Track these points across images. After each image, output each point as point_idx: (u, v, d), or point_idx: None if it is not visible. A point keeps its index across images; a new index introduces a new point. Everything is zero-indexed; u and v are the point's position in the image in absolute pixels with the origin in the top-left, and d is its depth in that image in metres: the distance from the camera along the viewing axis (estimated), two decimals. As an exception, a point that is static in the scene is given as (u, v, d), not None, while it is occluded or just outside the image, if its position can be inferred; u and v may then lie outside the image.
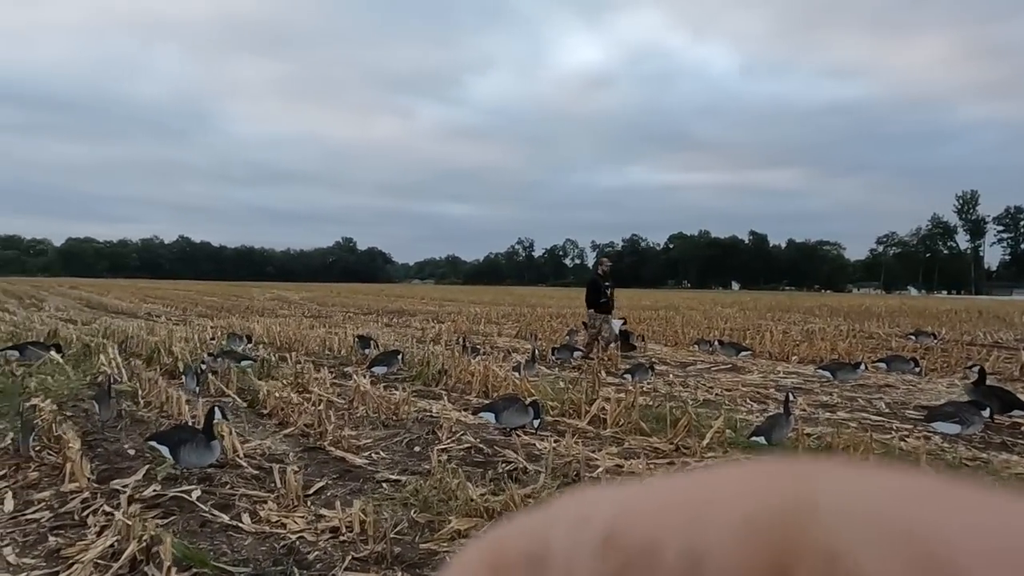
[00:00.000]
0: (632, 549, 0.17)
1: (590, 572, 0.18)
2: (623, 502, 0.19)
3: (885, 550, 0.15)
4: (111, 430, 5.61)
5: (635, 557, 0.17)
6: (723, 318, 23.48)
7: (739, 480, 0.18)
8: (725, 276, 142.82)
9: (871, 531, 0.15)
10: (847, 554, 0.15)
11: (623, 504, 0.19)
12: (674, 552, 0.17)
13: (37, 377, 8.07)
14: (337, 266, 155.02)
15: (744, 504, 0.17)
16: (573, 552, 0.18)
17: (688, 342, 14.09)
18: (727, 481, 0.18)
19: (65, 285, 52.84)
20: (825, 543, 0.15)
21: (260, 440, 5.40)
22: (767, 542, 0.16)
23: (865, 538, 0.15)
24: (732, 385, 8.99)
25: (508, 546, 0.19)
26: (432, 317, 22.49)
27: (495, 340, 14.46)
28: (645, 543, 0.17)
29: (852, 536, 0.15)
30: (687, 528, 0.17)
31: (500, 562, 0.19)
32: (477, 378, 7.98)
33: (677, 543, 0.17)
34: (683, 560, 0.17)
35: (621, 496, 0.19)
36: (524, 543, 0.19)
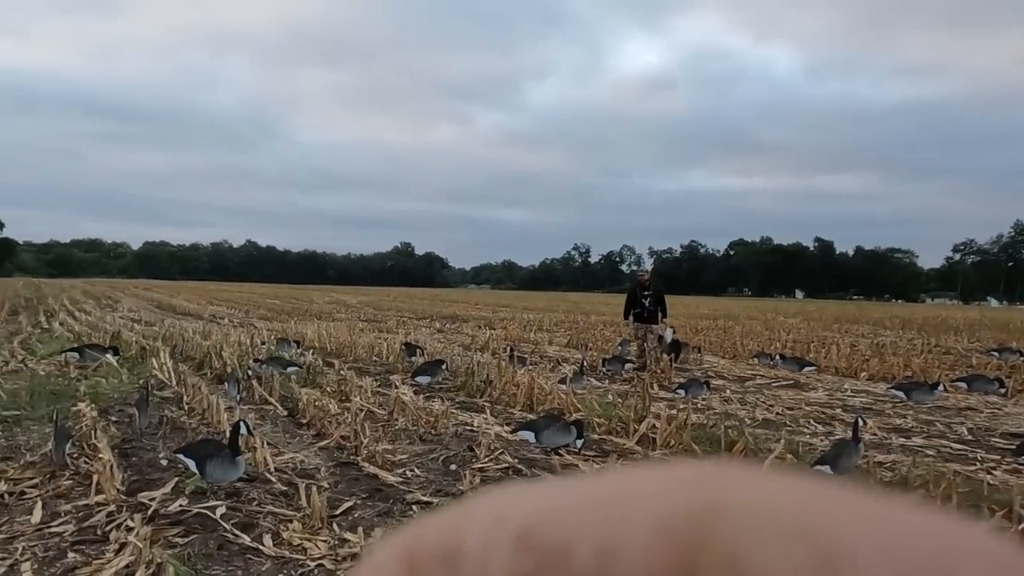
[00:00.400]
0: (546, 548, 0.17)
1: (504, 570, 0.18)
2: (540, 501, 0.19)
3: (784, 550, 0.16)
4: (150, 437, 5.60)
5: (548, 556, 0.17)
6: (785, 329, 22.48)
7: (653, 482, 0.18)
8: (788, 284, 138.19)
9: (773, 532, 0.16)
10: (749, 554, 0.16)
11: (539, 503, 0.19)
12: (586, 551, 0.17)
13: (93, 379, 8.25)
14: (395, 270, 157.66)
15: (656, 505, 0.17)
16: (488, 550, 0.18)
17: (747, 355, 13.44)
18: (642, 482, 0.18)
19: (140, 287, 55.34)
20: (730, 544, 0.16)
21: (293, 453, 5.27)
22: (676, 543, 0.16)
23: (767, 539, 0.16)
24: (794, 403, 8.43)
25: (423, 543, 0.19)
26: (484, 323, 22.35)
27: (545, 349, 14.16)
28: (559, 542, 0.17)
29: (755, 537, 0.16)
30: (600, 528, 0.17)
31: (414, 559, 0.19)
32: (522, 391, 7.70)
33: (590, 542, 0.17)
34: (595, 559, 0.17)
35: (538, 495, 0.19)
36: (439, 540, 0.19)
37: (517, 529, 0.18)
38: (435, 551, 0.19)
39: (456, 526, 0.19)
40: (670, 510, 0.17)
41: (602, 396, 8.65)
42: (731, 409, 8.02)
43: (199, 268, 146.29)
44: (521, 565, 0.18)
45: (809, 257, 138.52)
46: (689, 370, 11.42)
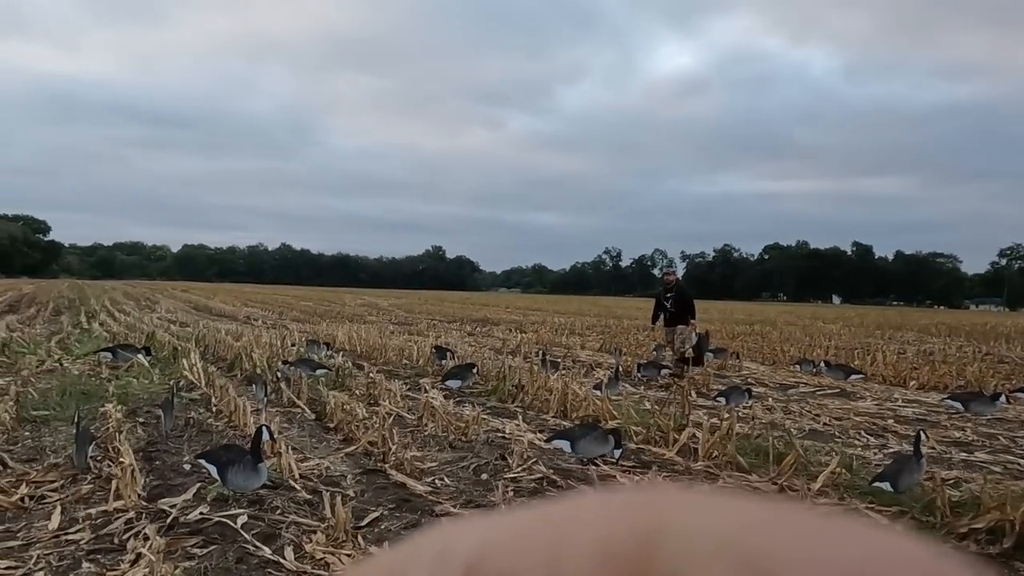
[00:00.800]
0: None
1: None
2: (484, 534, 0.19)
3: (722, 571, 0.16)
4: (176, 440, 5.49)
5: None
6: (826, 335, 21.78)
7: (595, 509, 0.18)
8: (825, 289, 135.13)
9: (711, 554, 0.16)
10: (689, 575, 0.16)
11: (484, 536, 0.19)
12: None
13: (124, 379, 8.23)
14: (426, 273, 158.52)
15: (601, 534, 0.17)
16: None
17: (788, 361, 12.96)
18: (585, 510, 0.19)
19: (178, 288, 56.42)
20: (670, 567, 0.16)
21: (320, 459, 5.10)
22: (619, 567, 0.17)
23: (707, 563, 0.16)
24: (842, 413, 8.01)
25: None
26: (515, 327, 22.11)
27: (577, 353, 13.86)
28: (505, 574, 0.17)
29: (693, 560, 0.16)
30: (545, 559, 0.17)
31: None
32: (555, 396, 7.44)
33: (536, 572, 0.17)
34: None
35: (482, 528, 0.19)
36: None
37: (463, 564, 0.18)
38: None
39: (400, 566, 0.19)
40: (612, 535, 0.17)
41: (638, 403, 8.34)
42: (776, 419, 7.64)
43: (235, 270, 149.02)
44: None
45: (847, 262, 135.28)
46: (727, 377, 11.02)
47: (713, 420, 6.86)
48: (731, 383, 10.41)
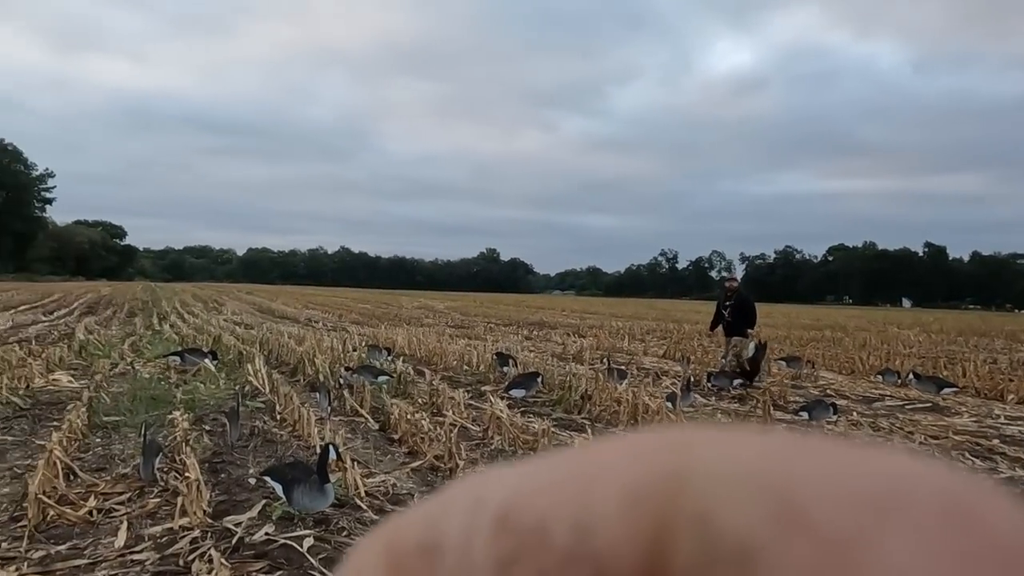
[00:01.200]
0: (524, 529, 0.18)
1: (485, 555, 0.18)
2: (515, 482, 0.19)
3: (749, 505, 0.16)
4: (241, 450, 5.40)
5: (527, 536, 0.18)
6: (904, 342, 20.60)
7: (621, 452, 0.18)
8: (894, 292, 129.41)
9: (737, 489, 0.16)
10: (716, 512, 0.16)
11: (515, 484, 0.19)
12: (563, 528, 0.17)
13: (191, 384, 8.30)
14: (481, 276, 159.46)
15: (625, 475, 0.17)
16: (467, 536, 0.18)
17: (868, 371, 12.18)
18: (611, 454, 0.19)
19: (243, 291, 58.21)
20: (697, 506, 0.17)
21: (386, 474, 4.91)
22: (648, 510, 0.17)
23: (731, 496, 0.16)
24: (938, 431, 7.37)
25: (403, 535, 0.20)
26: (573, 331, 21.75)
27: (641, 360, 13.42)
28: (536, 522, 0.18)
29: (720, 496, 0.16)
30: (575, 503, 0.17)
31: (396, 552, 0.19)
32: (624, 408, 7.08)
33: (566, 519, 0.17)
34: (572, 535, 0.17)
35: (513, 476, 0.19)
36: (419, 531, 0.19)
37: (494, 513, 0.18)
38: (416, 544, 0.19)
39: (434, 516, 0.19)
40: (638, 478, 0.17)
41: (711, 416, 7.91)
42: (861, 435, 7.09)
43: (297, 273, 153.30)
44: (501, 549, 0.18)
45: (918, 263, 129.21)
46: (804, 388, 10.41)
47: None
48: (809, 395, 9.82)
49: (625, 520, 0.17)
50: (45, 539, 3.60)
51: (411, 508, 0.20)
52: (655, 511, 0.17)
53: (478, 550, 0.18)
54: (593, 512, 0.17)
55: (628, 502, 0.17)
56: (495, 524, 0.18)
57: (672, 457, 0.18)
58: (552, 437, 6.19)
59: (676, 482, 0.17)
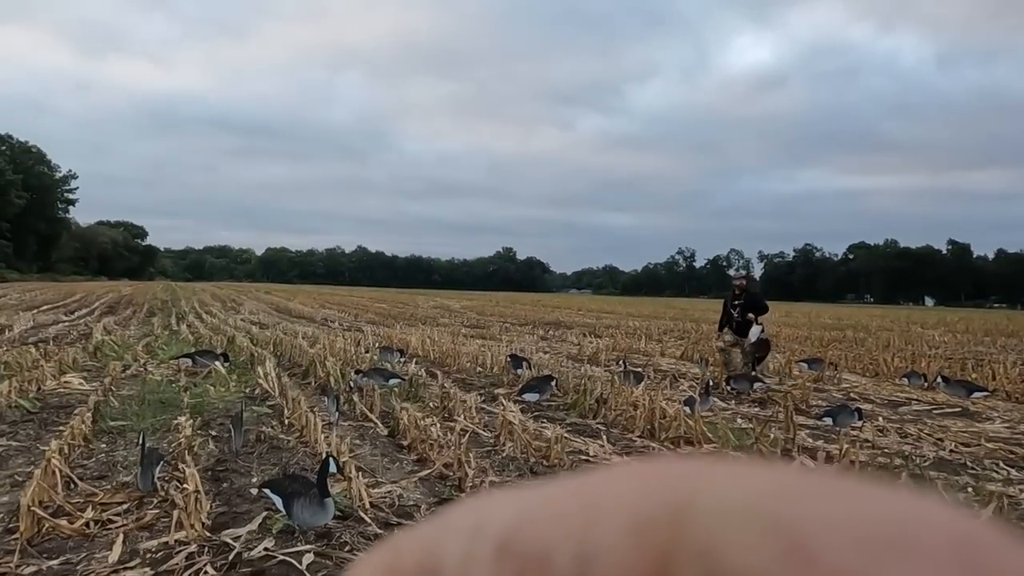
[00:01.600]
0: (526, 556, 0.18)
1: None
2: (516, 509, 0.19)
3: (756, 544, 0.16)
4: (246, 457, 5.27)
5: (528, 564, 0.17)
6: (929, 342, 20.10)
7: (626, 482, 0.18)
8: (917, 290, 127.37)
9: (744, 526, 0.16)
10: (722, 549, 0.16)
11: (517, 511, 0.19)
12: (565, 557, 0.17)
13: (201, 387, 8.22)
14: (497, 275, 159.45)
15: (630, 506, 0.17)
16: (467, 562, 0.18)
17: (893, 373, 11.82)
18: (616, 484, 0.18)
19: (261, 290, 58.58)
20: (702, 541, 0.16)
21: (393, 483, 4.75)
22: (651, 543, 0.17)
23: (738, 533, 0.16)
24: (969, 438, 7.07)
25: (402, 558, 0.19)
26: (589, 331, 21.50)
27: (658, 362, 13.16)
28: (538, 550, 0.17)
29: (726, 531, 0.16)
30: (577, 533, 0.17)
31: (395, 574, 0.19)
32: (641, 413, 6.86)
33: (568, 548, 0.17)
34: (573, 565, 0.17)
35: (515, 503, 0.19)
36: (418, 554, 0.19)
37: (495, 539, 0.18)
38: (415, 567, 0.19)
39: (435, 540, 0.19)
40: (643, 510, 0.17)
41: (731, 421, 7.67)
42: (894, 444, 6.81)
43: (315, 272, 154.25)
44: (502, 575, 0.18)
45: (941, 261, 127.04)
46: (827, 391, 10.11)
47: (827, 446, 6.15)
48: (832, 398, 9.53)
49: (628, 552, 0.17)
50: (37, 553, 3.48)
51: (410, 530, 0.20)
52: (659, 544, 0.16)
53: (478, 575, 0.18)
54: (595, 542, 0.17)
55: (631, 533, 0.17)
56: (496, 551, 0.18)
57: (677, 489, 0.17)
58: (565, 444, 6.01)
59: (681, 515, 0.17)
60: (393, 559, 0.19)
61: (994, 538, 0.16)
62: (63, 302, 29.73)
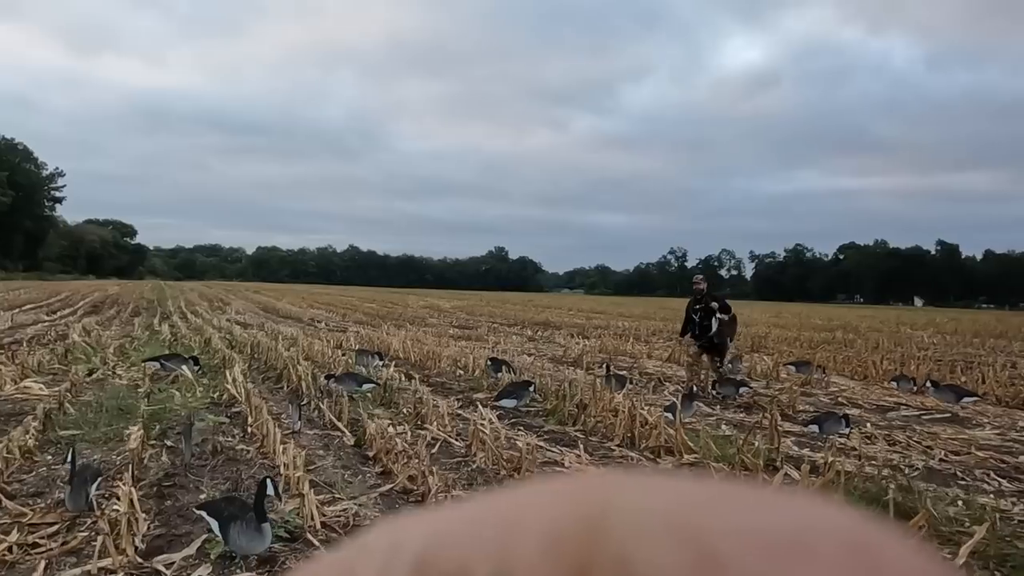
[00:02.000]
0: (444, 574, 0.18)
1: None
2: (434, 527, 0.19)
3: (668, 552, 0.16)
4: (199, 470, 4.97)
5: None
6: (918, 344, 19.96)
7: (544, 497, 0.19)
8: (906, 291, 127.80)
9: (656, 532, 0.17)
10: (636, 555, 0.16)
11: (434, 529, 0.19)
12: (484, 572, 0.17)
13: (167, 392, 7.90)
14: (490, 274, 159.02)
15: (548, 520, 0.18)
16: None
17: (882, 376, 11.62)
18: (533, 499, 0.19)
19: (251, 289, 58.01)
20: (617, 551, 0.17)
21: (352, 499, 4.47)
22: (568, 555, 0.17)
23: (651, 539, 0.17)
24: (959, 446, 6.85)
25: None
26: (578, 331, 21.26)
27: (644, 364, 12.92)
28: (456, 568, 0.18)
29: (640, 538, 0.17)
30: (496, 548, 0.17)
31: None
32: (621, 420, 6.60)
33: (486, 564, 0.17)
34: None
35: (432, 521, 0.19)
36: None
37: (412, 560, 0.18)
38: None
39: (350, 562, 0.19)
40: (559, 520, 0.17)
41: (715, 428, 7.42)
42: (876, 450, 6.59)
43: (306, 272, 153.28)
44: None
45: (930, 262, 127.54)
46: (814, 395, 9.90)
47: (811, 455, 5.91)
48: (819, 403, 9.31)
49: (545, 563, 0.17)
50: (-51, 582, 3.19)
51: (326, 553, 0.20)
52: (575, 554, 0.17)
53: None
54: (513, 556, 0.17)
55: (548, 545, 0.17)
56: (413, 569, 0.18)
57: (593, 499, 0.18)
58: (540, 454, 5.74)
59: (596, 527, 0.17)
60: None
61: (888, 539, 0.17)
62: (46, 301, 29.20)
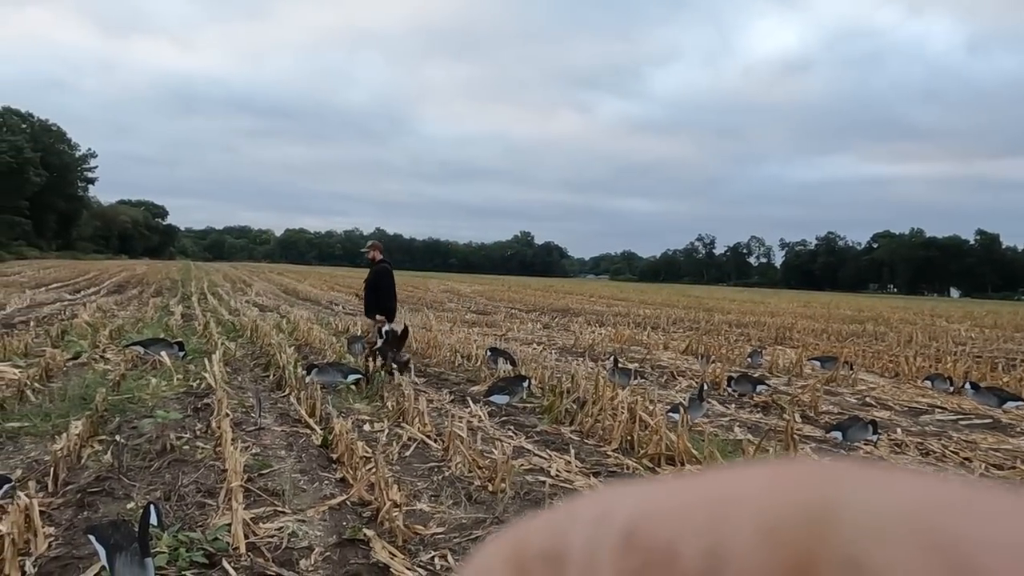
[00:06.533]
0: (652, 548, 0.17)
1: (609, 570, 0.18)
2: (644, 501, 0.19)
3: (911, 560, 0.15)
4: (141, 472, 4.49)
5: (655, 556, 0.17)
6: (955, 338, 18.89)
7: (762, 481, 0.18)
8: (942, 282, 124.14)
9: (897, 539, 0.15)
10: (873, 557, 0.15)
11: (644, 503, 0.19)
12: (694, 553, 0.17)
13: (144, 380, 7.48)
14: (515, 259, 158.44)
15: (766, 506, 0.16)
16: (593, 550, 0.18)
17: (915, 374, 10.78)
18: (750, 482, 0.18)
19: (276, 271, 58.24)
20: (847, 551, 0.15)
21: (296, 513, 3.94)
22: (788, 547, 0.16)
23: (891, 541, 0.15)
24: (1003, 458, 6.11)
25: (528, 543, 0.20)
26: (596, 319, 20.60)
27: (658, 356, 12.23)
28: (665, 543, 0.17)
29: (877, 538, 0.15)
30: (708, 529, 0.17)
31: (520, 558, 0.19)
32: (620, 423, 5.97)
33: (697, 544, 0.17)
34: (703, 561, 0.16)
35: (642, 495, 0.19)
36: (544, 540, 0.19)
37: (621, 529, 0.18)
38: (540, 552, 0.19)
39: (560, 527, 0.19)
40: (778, 510, 0.16)
41: (726, 431, 6.77)
42: (907, 461, 5.89)
43: (333, 254, 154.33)
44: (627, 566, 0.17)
45: (969, 251, 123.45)
46: (839, 394, 9.15)
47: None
48: (845, 403, 8.57)
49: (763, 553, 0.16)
50: None
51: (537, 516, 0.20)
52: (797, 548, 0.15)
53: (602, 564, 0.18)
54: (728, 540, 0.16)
55: (768, 535, 0.16)
56: (621, 540, 0.18)
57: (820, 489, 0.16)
58: (525, 459, 5.17)
59: (821, 520, 0.16)
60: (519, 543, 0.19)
61: None
62: (73, 280, 29.38)
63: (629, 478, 5.04)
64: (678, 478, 0.19)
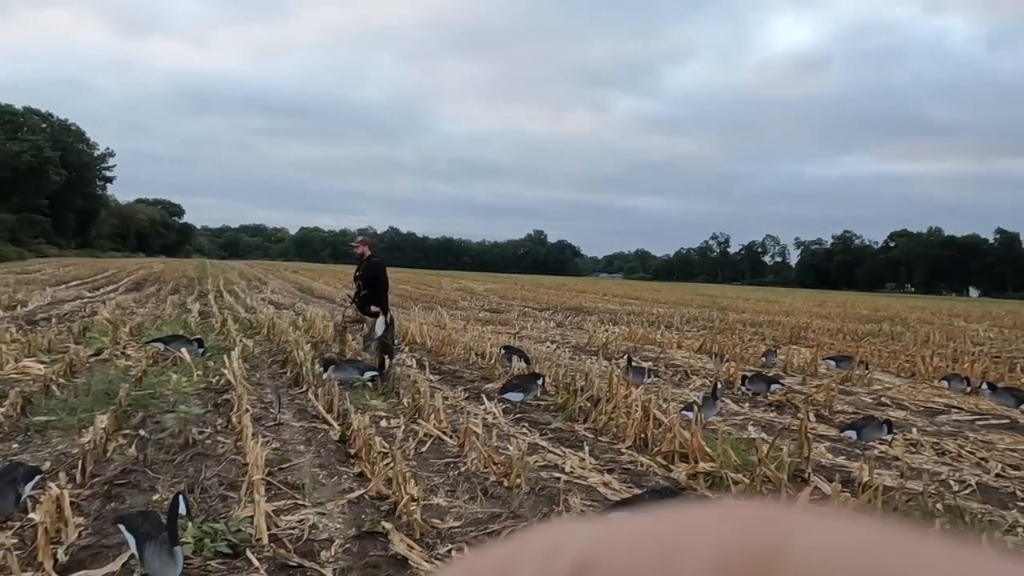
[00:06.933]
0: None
1: None
2: (597, 536, 0.19)
3: None
4: (166, 465, 4.61)
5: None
6: (973, 338, 18.71)
7: (714, 521, 0.18)
8: (961, 281, 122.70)
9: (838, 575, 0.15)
10: None
11: (597, 538, 0.19)
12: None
13: (165, 376, 7.63)
14: (528, 258, 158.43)
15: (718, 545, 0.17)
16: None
17: (931, 374, 10.72)
18: (702, 522, 0.18)
19: (291, 269, 58.68)
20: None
21: (316, 506, 4.03)
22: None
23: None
24: (1019, 458, 6.08)
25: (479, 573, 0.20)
26: (610, 317, 20.61)
27: (672, 355, 12.24)
28: None
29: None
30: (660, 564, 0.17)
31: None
32: (633, 420, 6.02)
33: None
34: None
35: (595, 530, 0.19)
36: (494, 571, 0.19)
37: (573, 562, 0.18)
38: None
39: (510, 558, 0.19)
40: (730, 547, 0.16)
41: (741, 429, 6.79)
42: (922, 461, 5.89)
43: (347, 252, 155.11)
44: None
45: (988, 250, 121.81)
46: (855, 394, 9.13)
47: (846, 464, 5.26)
48: (860, 402, 8.56)
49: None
50: None
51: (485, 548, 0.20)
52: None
53: None
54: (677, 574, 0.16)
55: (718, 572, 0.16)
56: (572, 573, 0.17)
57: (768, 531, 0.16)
58: (540, 456, 5.23)
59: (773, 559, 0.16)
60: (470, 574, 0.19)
61: None
62: (92, 278, 29.82)
63: (643, 475, 5.09)
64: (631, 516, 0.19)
